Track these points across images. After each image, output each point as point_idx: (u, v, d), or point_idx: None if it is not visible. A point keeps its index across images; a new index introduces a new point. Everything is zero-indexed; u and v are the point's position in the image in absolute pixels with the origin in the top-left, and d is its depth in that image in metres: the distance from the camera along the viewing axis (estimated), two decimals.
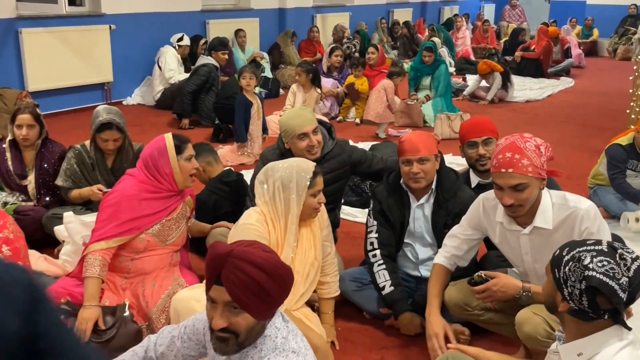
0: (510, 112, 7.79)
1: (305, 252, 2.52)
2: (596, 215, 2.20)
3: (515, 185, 2.16)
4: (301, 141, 2.88)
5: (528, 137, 2.22)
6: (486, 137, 2.91)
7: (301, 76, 6.35)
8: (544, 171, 2.18)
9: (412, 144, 2.79)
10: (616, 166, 4.06)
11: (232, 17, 8.98)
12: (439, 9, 14.79)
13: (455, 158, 5.61)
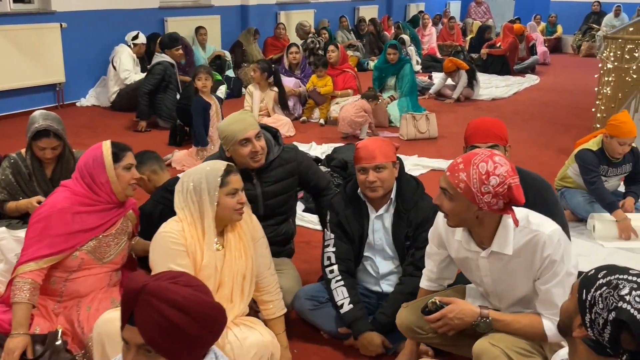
0: (476, 110, 7.69)
1: (234, 260, 2.32)
2: (560, 241, 2.00)
3: (444, 189, 2.01)
4: (243, 147, 2.65)
5: (492, 161, 1.92)
6: (492, 143, 2.46)
7: (256, 73, 6.15)
8: (484, 204, 1.92)
9: (367, 151, 2.60)
10: (592, 170, 3.91)
11: (192, 14, 8.70)
12: (405, 5, 14.69)
13: (420, 159, 5.46)
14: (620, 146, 3.81)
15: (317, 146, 5.78)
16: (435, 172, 5.16)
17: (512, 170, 1.92)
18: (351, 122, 6.07)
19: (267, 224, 2.78)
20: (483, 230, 2.05)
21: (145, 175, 3.17)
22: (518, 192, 1.90)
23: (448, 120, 7.12)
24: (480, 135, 2.53)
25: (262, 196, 2.79)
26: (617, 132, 3.80)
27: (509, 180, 1.88)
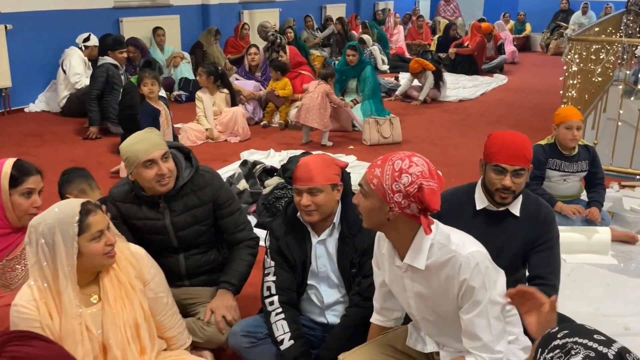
0: (442, 112, 7.51)
1: (117, 312, 1.99)
2: (479, 266, 1.81)
3: (361, 186, 1.87)
4: (148, 170, 2.35)
5: (409, 160, 1.80)
6: (520, 167, 2.28)
7: (202, 77, 5.90)
8: (395, 204, 1.77)
9: (305, 171, 2.35)
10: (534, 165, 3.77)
11: (149, 14, 8.36)
12: (374, 4, 14.48)
13: None
14: (569, 131, 3.70)
15: (275, 153, 5.53)
16: None
17: (430, 173, 1.78)
18: (318, 115, 5.80)
19: (188, 253, 2.53)
20: (400, 238, 1.89)
21: (72, 196, 2.90)
22: (431, 197, 1.74)
23: (413, 123, 6.93)
24: (509, 155, 2.30)
25: (171, 227, 2.49)
26: (559, 118, 3.74)
27: (421, 180, 1.74)
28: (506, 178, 2.29)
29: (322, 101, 5.82)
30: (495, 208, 2.39)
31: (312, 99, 5.79)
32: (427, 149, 5.86)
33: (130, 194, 2.47)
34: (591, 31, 6.05)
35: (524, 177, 2.31)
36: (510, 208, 2.38)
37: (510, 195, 2.32)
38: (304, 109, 5.81)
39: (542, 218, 2.36)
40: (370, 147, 5.90)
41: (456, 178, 5.00)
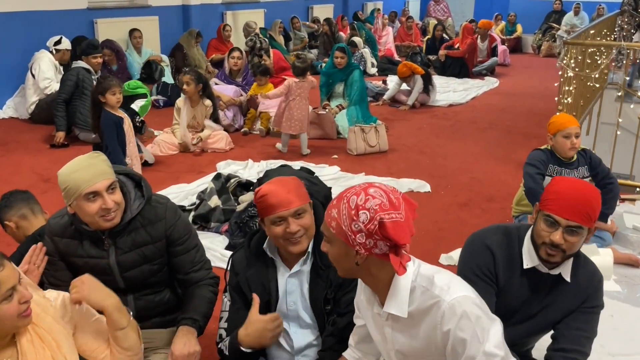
0: (431, 118, 7.21)
1: None
2: (467, 314, 1.53)
3: (322, 232, 1.69)
4: (90, 203, 2.01)
5: (365, 193, 1.58)
6: (576, 224, 1.89)
7: (190, 85, 5.50)
8: (360, 245, 1.56)
9: (280, 195, 2.04)
10: (534, 166, 3.52)
11: (126, 15, 8.01)
12: (362, 4, 14.18)
13: (367, 179, 4.92)
14: (567, 139, 3.44)
15: (254, 164, 5.20)
16: None
17: (391, 204, 1.56)
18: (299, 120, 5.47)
19: (139, 294, 2.20)
20: (377, 282, 1.66)
21: (12, 222, 2.58)
22: (396, 231, 1.52)
23: (401, 129, 6.63)
24: (566, 207, 1.90)
25: (117, 267, 2.15)
26: (556, 127, 3.47)
27: (381, 214, 1.53)
28: (557, 233, 1.90)
29: (305, 104, 5.49)
30: (547, 270, 2.04)
31: (299, 105, 5.44)
32: (415, 159, 5.55)
33: (70, 227, 2.11)
34: (586, 34, 5.77)
35: (579, 238, 1.91)
36: (562, 271, 2.02)
37: (558, 254, 1.94)
38: (287, 116, 5.48)
39: (594, 286, 2.03)
40: (356, 157, 5.58)
41: (445, 191, 4.70)
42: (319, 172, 4.97)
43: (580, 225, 1.89)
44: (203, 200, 3.95)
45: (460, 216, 4.21)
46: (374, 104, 7.73)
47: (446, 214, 4.24)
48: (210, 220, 3.87)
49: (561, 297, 2.03)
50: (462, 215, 4.22)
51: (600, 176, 3.56)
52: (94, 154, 2.10)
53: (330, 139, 6.18)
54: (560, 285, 2.03)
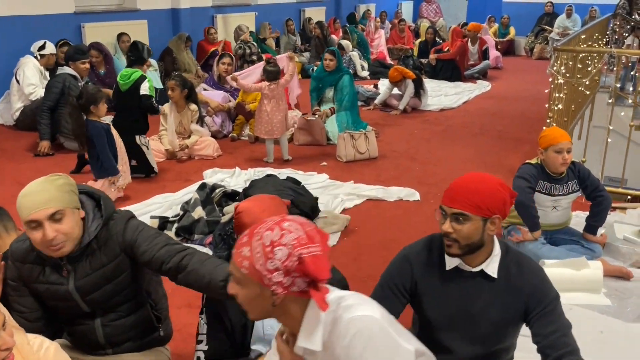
0: (423, 123, 7.15)
1: None
2: (362, 334, 1.45)
3: (231, 272, 1.53)
4: (33, 232, 1.89)
5: (279, 227, 1.47)
6: (458, 210, 1.89)
7: (175, 91, 5.43)
8: (277, 285, 1.44)
9: (253, 215, 1.98)
10: (525, 179, 3.45)
11: (114, 19, 7.92)
12: (355, 6, 14.11)
13: (356, 187, 4.85)
14: (559, 155, 3.39)
15: (241, 172, 5.12)
16: (371, 203, 4.57)
17: (308, 237, 1.46)
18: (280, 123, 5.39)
19: (106, 318, 2.11)
20: (294, 321, 1.54)
21: None
22: (316, 266, 1.43)
23: (392, 135, 6.56)
24: (450, 196, 1.94)
25: (76, 292, 2.03)
26: (547, 141, 3.42)
27: (299, 250, 1.43)
28: (446, 222, 1.93)
29: (280, 106, 5.41)
30: (469, 267, 2.00)
31: (274, 108, 5.36)
32: (406, 165, 5.49)
33: (32, 252, 2.01)
34: (577, 39, 5.72)
35: (468, 225, 1.89)
36: (484, 267, 1.97)
37: (453, 244, 1.92)
38: (264, 121, 5.39)
39: (527, 282, 1.95)
40: (346, 164, 5.51)
41: (435, 199, 4.63)
42: (307, 181, 4.93)
43: (463, 212, 1.88)
44: (187, 211, 3.87)
45: None
46: (365, 109, 7.67)
47: (435, 224, 4.15)
48: (194, 232, 3.79)
49: (497, 296, 1.96)
50: None
51: (589, 189, 3.50)
52: (52, 177, 1.95)
53: (320, 145, 6.10)
54: (490, 283, 1.97)
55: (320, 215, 3.95)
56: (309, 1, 12.55)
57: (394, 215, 4.33)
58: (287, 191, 3.78)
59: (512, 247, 2.04)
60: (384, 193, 4.70)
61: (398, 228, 4.09)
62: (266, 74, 5.44)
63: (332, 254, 3.65)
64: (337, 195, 4.60)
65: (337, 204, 4.43)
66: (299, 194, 3.82)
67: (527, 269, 1.98)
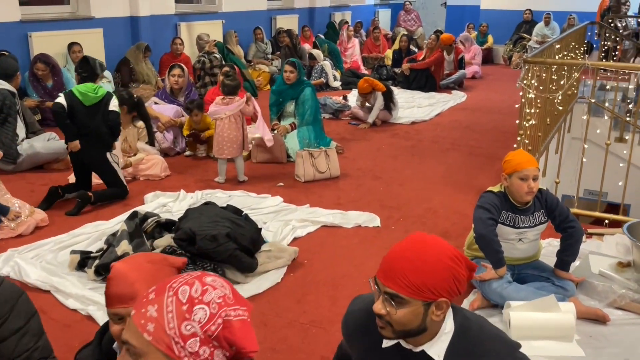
0: (392, 137, 6.76)
1: None
2: None
3: (125, 342, 1.16)
4: None
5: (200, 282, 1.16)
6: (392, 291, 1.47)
7: (119, 107, 4.99)
8: (190, 356, 1.11)
9: (120, 287, 1.58)
10: (488, 210, 3.07)
11: (65, 28, 7.44)
12: (330, 14, 13.74)
13: (312, 211, 4.43)
14: (524, 182, 3.02)
15: (186, 195, 4.68)
16: (326, 230, 4.15)
17: (235, 298, 1.18)
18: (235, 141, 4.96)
19: None
20: None
21: None
22: (244, 333, 1.15)
23: (358, 150, 6.16)
24: (384, 271, 1.51)
25: None
26: (511, 167, 3.05)
27: (226, 310, 1.15)
28: (378, 301, 1.51)
29: (238, 124, 4.99)
30: (411, 346, 1.58)
31: (229, 126, 4.93)
32: (369, 186, 5.09)
33: None
34: (551, 49, 5.37)
35: (404, 312, 1.47)
36: (426, 349, 1.55)
37: (386, 327, 1.51)
38: (217, 139, 4.97)
39: None
40: (304, 185, 5.09)
41: (397, 225, 4.24)
42: (258, 204, 4.51)
43: (398, 294, 1.46)
44: (111, 245, 3.42)
45: None
46: (333, 121, 7.29)
47: None
48: None
49: None
50: None
51: (558, 220, 3.12)
52: None
53: (280, 163, 5.69)
54: None
55: (263, 248, 3.52)
56: (281, 9, 12.16)
57: (350, 245, 3.91)
58: (223, 222, 3.35)
59: (475, 324, 1.58)
60: (341, 219, 4.29)
61: (352, 261, 3.68)
62: (222, 87, 5.02)
63: (273, 294, 3.22)
64: (289, 221, 4.18)
65: (287, 232, 4.01)
66: (237, 225, 3.39)
67: (487, 352, 1.54)
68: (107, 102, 4.50)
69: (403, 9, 15.74)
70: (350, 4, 14.78)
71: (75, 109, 4.43)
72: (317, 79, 9.52)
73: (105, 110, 4.49)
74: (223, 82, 5.01)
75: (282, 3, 12.35)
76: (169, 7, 9.02)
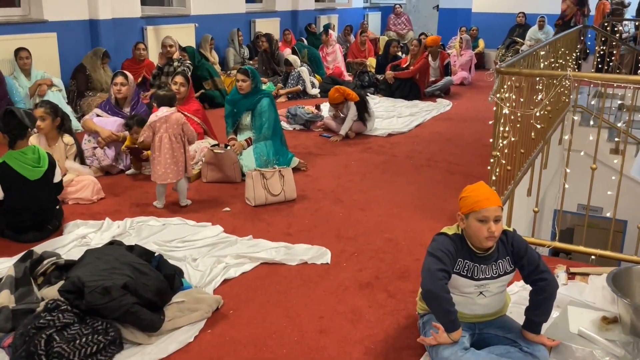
0: (364, 152, 6.17)
1: None
2: None
3: None
4: None
5: None
6: None
7: (45, 121, 4.44)
8: None
9: None
10: (439, 259, 2.48)
11: (12, 32, 6.87)
12: (315, 18, 13.15)
13: (254, 244, 3.83)
14: (483, 225, 2.45)
15: (112, 224, 4.07)
16: (266, 269, 3.55)
17: None
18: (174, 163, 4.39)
19: None
20: None
21: None
22: None
23: (324, 167, 5.58)
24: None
25: None
26: (469, 205, 2.49)
27: None
28: None
29: (178, 142, 4.40)
30: None
31: (167, 146, 4.34)
32: (327, 211, 4.49)
33: None
34: (533, 57, 4.79)
35: None
36: None
37: None
38: (153, 161, 4.39)
39: None
40: (254, 210, 4.51)
41: (349, 261, 3.65)
42: (194, 235, 3.93)
43: None
44: None
45: (355, 305, 3.14)
46: (302, 132, 6.72)
47: (338, 301, 3.17)
48: None
49: None
50: (358, 304, 3.15)
51: (527, 269, 2.54)
52: None
53: (233, 182, 5.10)
54: None
55: (175, 298, 2.93)
56: (261, 12, 11.58)
57: (288, 289, 3.32)
58: (122, 269, 2.76)
59: None
60: (286, 254, 3.70)
61: (286, 311, 3.08)
62: (155, 99, 4.43)
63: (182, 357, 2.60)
64: (223, 257, 3.59)
65: (218, 271, 3.42)
66: (140, 273, 2.80)
67: None
68: (51, 170, 3.89)
69: (393, 12, 15.18)
70: (337, 7, 14.21)
71: (15, 187, 3.73)
72: (294, 86, 8.96)
73: (48, 181, 3.87)
74: (155, 94, 4.43)
75: (262, 5, 11.77)
76: (134, 10, 8.44)
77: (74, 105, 7.12)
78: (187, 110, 5.36)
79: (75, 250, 3.70)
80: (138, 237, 3.89)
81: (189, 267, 3.47)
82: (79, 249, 3.70)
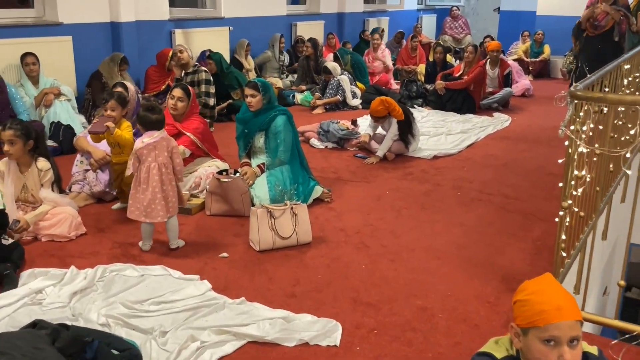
0: (402, 179, 5.24)
1: None
2: None
3: None
4: None
5: None
6: None
7: (15, 144, 3.74)
8: None
9: None
10: None
11: (21, 35, 6.31)
12: (363, 20, 12.26)
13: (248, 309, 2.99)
14: (552, 349, 1.59)
15: (78, 272, 3.32)
16: (252, 350, 2.72)
17: None
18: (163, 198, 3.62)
19: None
20: None
21: None
22: None
23: (351, 199, 4.70)
24: None
25: None
26: (530, 315, 1.63)
27: None
28: None
29: (167, 174, 3.62)
30: None
31: (154, 177, 3.57)
32: (348, 260, 3.61)
33: None
34: (619, 70, 3.77)
35: None
36: None
37: None
38: (135, 196, 3.63)
39: None
40: (257, 256, 3.68)
41: (365, 343, 2.76)
42: (174, 294, 3.16)
43: None
44: None
45: None
46: (335, 152, 5.87)
47: None
48: None
49: None
50: None
51: None
52: None
53: (241, 216, 4.29)
54: None
55: None
56: (304, 14, 10.79)
57: None
58: None
59: None
60: (282, 330, 2.84)
61: None
62: (140, 121, 3.67)
63: None
64: (201, 331, 2.78)
65: (188, 355, 2.61)
66: None
67: None
68: None
69: (449, 14, 14.14)
70: (387, 9, 13.28)
71: None
72: (333, 96, 8.12)
73: None
74: (139, 115, 3.67)
75: (305, 7, 10.99)
76: (162, 11, 7.80)
77: (88, 115, 6.52)
78: (185, 129, 4.61)
79: (24, 311, 2.97)
80: (105, 294, 3.13)
81: (154, 345, 2.68)
82: (28, 310, 2.98)
